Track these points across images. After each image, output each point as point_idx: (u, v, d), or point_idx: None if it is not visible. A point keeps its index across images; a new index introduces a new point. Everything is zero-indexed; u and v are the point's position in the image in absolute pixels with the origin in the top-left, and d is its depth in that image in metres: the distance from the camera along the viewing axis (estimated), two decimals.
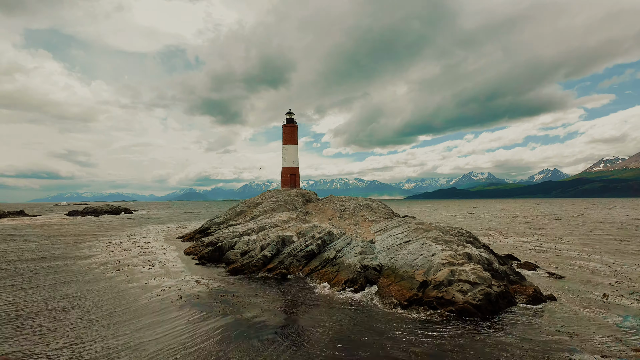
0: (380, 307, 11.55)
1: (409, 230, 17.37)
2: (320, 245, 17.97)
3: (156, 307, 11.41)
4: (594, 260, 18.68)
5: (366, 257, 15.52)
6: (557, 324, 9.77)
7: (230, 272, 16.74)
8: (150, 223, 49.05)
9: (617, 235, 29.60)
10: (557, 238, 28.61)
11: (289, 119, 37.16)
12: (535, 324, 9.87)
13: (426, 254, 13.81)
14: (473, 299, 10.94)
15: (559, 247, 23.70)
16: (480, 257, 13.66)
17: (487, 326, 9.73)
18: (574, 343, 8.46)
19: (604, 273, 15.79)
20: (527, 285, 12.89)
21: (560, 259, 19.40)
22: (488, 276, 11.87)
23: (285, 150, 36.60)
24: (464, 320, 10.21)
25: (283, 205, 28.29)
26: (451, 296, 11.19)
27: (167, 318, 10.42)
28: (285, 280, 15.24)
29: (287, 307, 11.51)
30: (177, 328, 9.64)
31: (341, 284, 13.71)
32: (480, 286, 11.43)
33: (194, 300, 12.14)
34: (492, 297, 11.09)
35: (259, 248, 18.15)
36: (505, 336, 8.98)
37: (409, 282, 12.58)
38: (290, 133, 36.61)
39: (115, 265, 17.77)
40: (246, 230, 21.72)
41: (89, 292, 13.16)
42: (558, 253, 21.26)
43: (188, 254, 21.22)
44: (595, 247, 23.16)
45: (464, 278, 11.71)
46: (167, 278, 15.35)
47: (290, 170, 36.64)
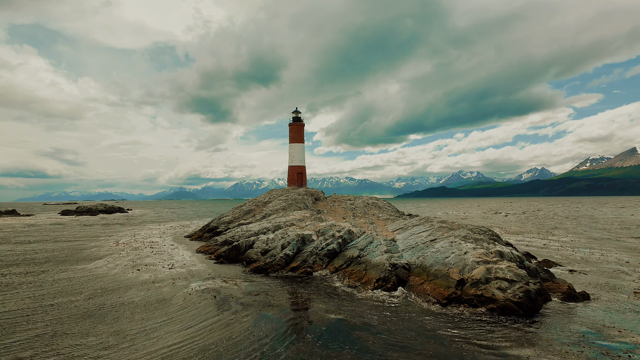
0: (421, 306, 11.47)
1: (433, 228, 17.36)
2: (341, 243, 17.87)
3: (200, 310, 11.11)
4: (609, 258, 18.90)
5: (392, 255, 15.46)
6: (600, 320, 9.81)
7: (252, 270, 16.55)
8: (149, 222, 48.36)
9: (622, 233, 30.09)
10: (564, 235, 28.95)
11: (296, 117, 36.93)
12: (578, 320, 9.90)
13: (458, 252, 13.79)
14: (513, 297, 10.93)
15: (569, 244, 23.97)
16: (512, 254, 13.69)
17: (532, 323, 9.73)
18: (625, 338, 8.49)
19: (623, 270, 15.97)
20: (560, 283, 12.96)
21: (574, 256, 19.60)
22: (524, 274, 11.88)
23: (292, 148, 36.39)
24: (508, 317, 10.19)
25: (294, 204, 28.12)
26: (491, 294, 11.18)
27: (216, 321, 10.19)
28: (311, 279, 15.10)
29: (329, 307, 11.31)
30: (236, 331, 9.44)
31: (373, 283, 13.60)
32: (518, 283, 11.43)
33: (230, 300, 11.92)
34: (532, 294, 11.09)
35: (280, 247, 17.97)
36: (554, 332, 8.99)
37: (445, 281, 12.54)
38: (297, 132, 36.39)
39: (133, 265, 17.42)
40: (262, 229, 21.50)
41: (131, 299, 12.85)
42: (570, 251, 21.48)
43: (202, 253, 20.94)
44: (606, 245, 23.47)
45: (501, 276, 11.69)
46: (192, 277, 15.10)
47: (297, 169, 36.45)
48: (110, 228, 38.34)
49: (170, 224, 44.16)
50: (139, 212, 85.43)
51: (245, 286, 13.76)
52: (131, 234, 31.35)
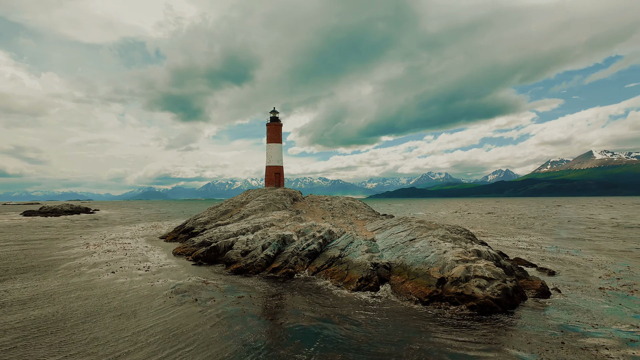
0: (404, 305, 11.70)
1: (412, 228, 17.73)
2: (322, 244, 17.95)
3: (184, 316, 10.81)
4: (574, 256, 19.93)
5: (373, 255, 15.68)
6: (573, 316, 10.35)
7: (233, 272, 16.34)
8: (119, 223, 46.69)
9: (585, 232, 31.76)
10: (532, 235, 30.25)
11: (274, 117, 36.70)
12: (553, 316, 10.39)
13: (437, 251, 14.16)
14: (492, 294, 11.33)
15: (537, 243, 25.08)
16: (489, 253, 14.20)
17: (511, 319, 10.13)
18: (598, 332, 9.01)
19: (589, 267, 16.89)
20: (534, 280, 13.56)
21: (543, 254, 20.54)
22: (502, 272, 12.36)
23: (270, 149, 36.12)
24: (488, 314, 10.56)
25: (272, 204, 27.93)
26: (470, 292, 11.55)
27: (199, 324, 10.00)
28: (293, 280, 15.07)
29: (315, 308, 11.32)
30: (223, 335, 9.29)
31: (355, 283, 13.74)
32: (496, 281, 11.87)
33: (213, 303, 11.71)
34: (509, 292, 11.57)
35: (261, 248, 17.83)
36: (532, 328, 9.39)
37: (426, 279, 12.85)
38: (275, 132, 36.16)
39: (107, 268, 16.79)
40: (241, 230, 21.25)
41: (109, 302, 12.37)
42: (538, 249, 22.49)
43: (179, 255, 20.47)
44: (571, 244, 24.72)
45: (480, 274, 12.10)
46: (171, 279, 14.72)
47: (274, 169, 36.23)
48: (78, 229, 36.75)
49: (141, 225, 42.82)
50: (107, 212, 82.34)
51: (228, 288, 13.57)
52: (101, 236, 30.17)
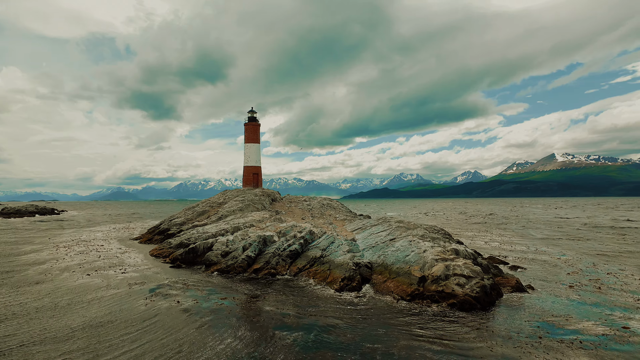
0: (387, 303, 11.93)
1: (391, 228, 18.08)
2: (303, 244, 18.00)
3: (169, 320, 10.56)
4: (544, 253, 20.89)
5: (355, 255, 15.90)
6: (548, 311, 10.88)
7: (213, 273, 16.15)
8: (89, 224, 44.96)
9: (552, 231, 33.30)
10: (502, 234, 31.44)
11: (251, 117, 36.38)
12: (529, 311, 10.88)
13: (417, 250, 14.52)
14: (471, 292, 11.75)
15: (508, 242, 26.11)
16: (467, 252, 14.69)
17: (490, 316, 10.53)
18: (572, 326, 9.54)
19: (558, 264, 17.75)
20: (509, 277, 14.15)
21: (514, 252, 21.42)
22: (479, 270, 12.82)
23: (248, 149, 35.79)
24: (468, 311, 10.93)
25: (251, 204, 27.71)
26: (451, 289, 11.93)
27: (183, 326, 9.84)
28: (276, 280, 15.06)
29: (300, 309, 11.35)
30: (210, 338, 9.18)
31: (338, 282, 13.88)
32: (475, 279, 12.31)
33: (196, 305, 11.51)
34: (487, 289, 12.01)
35: (241, 248, 17.69)
36: (510, 324, 9.80)
37: (407, 278, 13.16)
38: (253, 132, 35.86)
39: (81, 270, 16.22)
40: (220, 231, 21.00)
41: (87, 307, 11.93)
42: (510, 248, 23.43)
43: (156, 256, 19.99)
44: (540, 242, 25.88)
45: (459, 272, 12.52)
46: (149, 282, 14.37)
47: (252, 170, 35.91)
48: (45, 231, 35.12)
49: (112, 226, 41.43)
50: (75, 213, 79.02)
51: (210, 290, 13.40)
52: (71, 237, 28.98)
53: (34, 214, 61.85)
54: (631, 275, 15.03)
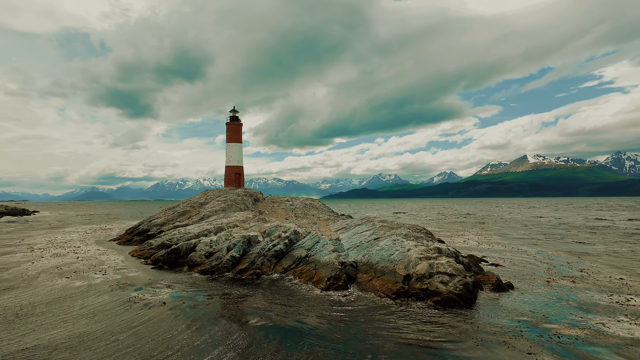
0: (374, 301, 12.11)
1: (375, 227, 18.33)
2: (288, 244, 18.03)
3: (156, 322, 10.37)
4: (520, 251, 21.64)
5: (340, 254, 16.06)
6: (527, 307, 11.31)
7: (197, 274, 15.98)
8: (63, 225, 43.46)
9: (526, 229, 34.47)
10: (479, 233, 32.33)
11: (233, 116, 36.06)
12: (510, 308, 11.29)
13: (401, 249, 14.80)
14: (455, 289, 12.08)
15: (485, 240, 26.89)
16: (449, 251, 15.07)
17: (473, 313, 10.85)
18: (550, 321, 9.97)
19: (533, 262, 18.43)
20: (490, 275, 14.61)
21: (493, 251, 22.08)
22: (462, 268, 13.19)
23: (230, 148, 35.45)
24: (451, 308, 11.24)
25: (234, 204, 27.47)
26: (435, 287, 12.23)
27: (179, 333, 9.72)
28: (261, 280, 15.03)
29: (288, 309, 11.39)
30: (200, 340, 9.11)
31: (325, 282, 14.00)
32: (458, 277, 12.66)
33: (182, 307, 11.37)
34: (470, 286, 12.37)
35: (226, 249, 17.57)
36: (493, 320, 10.15)
37: (392, 276, 13.41)
38: (235, 131, 35.54)
39: (59, 273, 15.73)
40: (202, 231, 20.76)
41: (68, 310, 11.58)
42: (487, 246, 24.14)
43: (137, 258, 19.56)
44: (516, 241, 26.76)
45: (442, 270, 12.85)
46: (131, 284, 14.05)
47: (235, 169, 35.58)
48: (17, 233, 33.75)
49: (88, 227, 40.19)
50: (48, 214, 76.10)
51: (195, 291, 13.27)
52: (46, 239, 27.96)
53: (3, 215, 59.30)
54: (601, 272, 15.76)
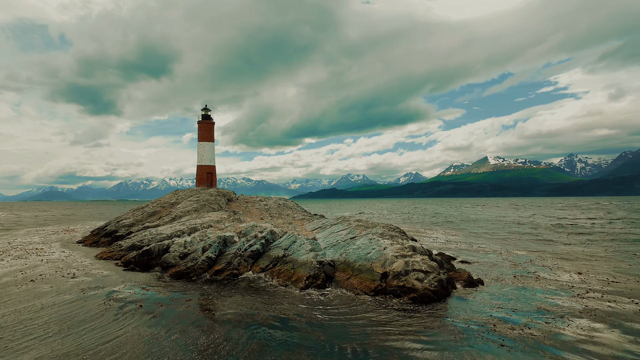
0: (353, 299, 12.38)
1: (351, 227, 18.66)
2: (264, 244, 18.03)
3: (135, 326, 10.05)
4: (486, 249, 22.70)
5: (317, 254, 16.25)
6: (497, 301, 11.94)
7: (172, 276, 15.64)
8: (21, 226, 41.05)
9: (491, 227, 36.08)
10: (447, 231, 33.54)
11: (206, 115, 35.39)
12: (482, 302, 11.88)
13: (378, 248, 15.19)
14: (430, 286, 12.56)
15: (454, 239, 27.95)
16: (422, 249, 15.60)
17: (448, 308, 11.34)
18: (520, 314, 10.61)
19: (499, 259, 19.40)
20: (461, 272, 15.27)
21: (461, 249, 23.02)
22: (436, 265, 13.73)
23: (202, 147, 34.76)
24: (427, 304, 11.68)
25: (207, 204, 27.01)
26: (411, 284, 12.66)
27: (160, 337, 9.53)
28: (239, 281, 14.96)
29: (269, 309, 11.41)
30: (182, 345, 8.98)
31: (303, 281, 14.13)
32: (432, 274, 13.17)
33: (160, 309, 11.18)
34: (444, 283, 12.91)
35: (201, 250, 17.32)
36: (467, 314, 10.66)
37: (370, 274, 13.75)
38: (207, 130, 34.89)
39: (22, 276, 14.95)
40: (175, 232, 20.34)
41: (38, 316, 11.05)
42: (455, 244, 25.11)
43: (106, 260, 18.91)
44: (481, 238, 27.99)
45: (418, 268, 13.33)
46: (104, 287, 13.59)
47: (206, 169, 34.93)
48: None
49: (50, 228, 38.17)
50: (3, 214, 71.51)
51: (172, 293, 13.02)
52: (4, 241, 26.39)
53: None
54: (562, 269, 16.84)
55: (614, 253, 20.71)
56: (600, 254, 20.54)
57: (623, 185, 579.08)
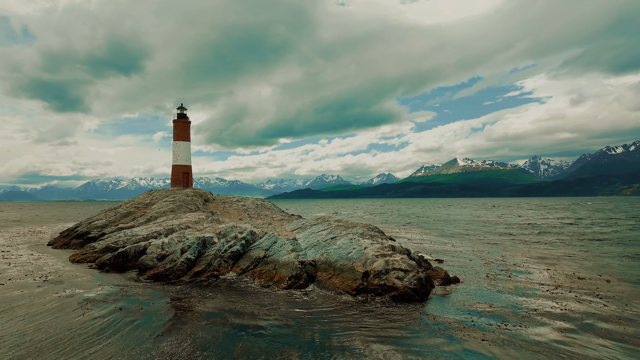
0: (335, 298, 12.58)
1: (331, 227, 18.88)
2: (245, 245, 17.96)
3: (119, 332, 9.74)
4: (459, 248, 23.50)
5: (299, 254, 16.37)
6: (474, 298, 12.46)
7: (150, 278, 15.32)
8: None
9: (462, 227, 37.26)
10: (422, 232, 34.40)
11: (181, 114, 34.69)
12: (459, 299, 12.36)
13: (358, 247, 15.47)
14: (410, 284, 12.94)
15: (428, 238, 28.74)
16: (402, 248, 16.03)
17: (428, 305, 11.74)
18: (496, 311, 11.14)
19: (472, 257, 20.15)
20: (439, 270, 15.78)
21: (435, 248, 23.73)
22: (415, 264, 14.14)
23: (177, 147, 34.05)
24: (408, 302, 12.03)
25: (184, 205, 26.51)
26: (392, 283, 13.01)
27: (146, 340, 9.37)
28: (220, 282, 14.87)
29: (253, 309, 11.40)
30: (168, 350, 8.88)
31: (286, 281, 14.22)
32: (412, 272, 13.56)
33: (140, 312, 10.98)
34: (423, 281, 13.32)
35: (180, 251, 17.07)
36: (446, 311, 11.09)
37: (351, 274, 14.00)
38: (183, 129, 34.21)
39: None
40: (152, 233, 19.92)
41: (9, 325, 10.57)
42: (429, 243, 25.85)
43: (79, 262, 18.29)
44: (455, 238, 28.90)
45: (398, 267, 13.69)
46: (79, 290, 13.14)
47: (182, 169, 34.23)
48: None
49: (14, 230, 36.23)
50: None
51: (152, 295, 12.79)
52: None
53: None
54: (532, 266, 17.71)
55: (579, 251, 21.93)
56: (567, 252, 21.71)
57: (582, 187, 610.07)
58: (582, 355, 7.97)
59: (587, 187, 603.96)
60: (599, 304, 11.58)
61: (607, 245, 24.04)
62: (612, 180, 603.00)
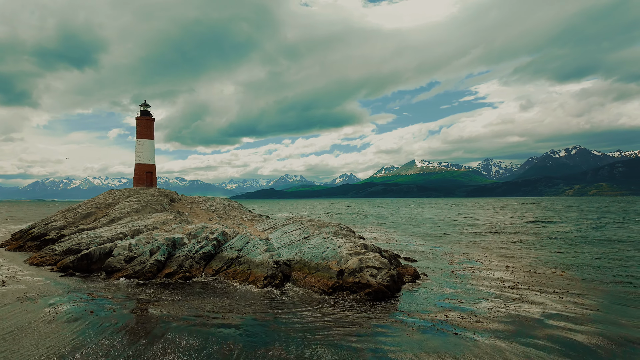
0: (312, 296, 12.84)
1: (304, 227, 19.11)
2: (216, 245, 17.80)
3: (94, 339, 9.49)
4: (424, 246, 24.53)
5: (273, 254, 16.47)
6: (443, 293, 13.19)
7: (120, 280, 14.91)
8: None
9: (424, 226, 38.71)
10: (387, 231, 35.40)
11: (144, 111, 33.44)
12: (430, 294, 13.03)
13: (332, 246, 15.82)
14: (383, 281, 13.43)
15: (393, 237, 29.68)
16: (373, 246, 16.56)
17: (401, 300, 12.30)
18: (464, 303, 11.87)
19: (438, 255, 21.15)
20: (408, 267, 16.46)
21: (402, 246, 24.62)
22: (387, 262, 14.69)
23: (140, 145, 32.78)
24: (381, 298, 12.49)
25: (149, 205, 25.65)
26: (366, 280, 13.45)
27: (125, 346, 9.12)
28: (192, 283, 14.68)
29: (231, 309, 11.40)
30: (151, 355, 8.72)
31: (261, 281, 14.29)
32: (384, 270, 14.08)
33: (114, 315, 10.66)
34: (395, 278, 13.88)
35: (149, 253, 16.62)
36: (419, 305, 11.69)
37: (327, 272, 14.31)
38: (147, 126, 33.01)
39: None
40: (117, 235, 19.21)
41: None
42: (396, 242, 26.74)
43: (38, 265, 17.31)
44: (420, 237, 30.04)
45: (371, 264, 14.16)
46: (43, 294, 12.48)
47: (146, 168, 33.01)
48: None
49: None
50: None
51: (123, 298, 12.43)
52: None
53: None
54: (492, 262, 18.88)
55: (537, 248, 23.57)
56: (524, 248, 23.28)
57: (529, 187, 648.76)
58: (544, 337, 8.75)
59: (533, 187, 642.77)
60: (554, 295, 12.64)
61: (562, 243, 26.00)
62: (555, 182, 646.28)
